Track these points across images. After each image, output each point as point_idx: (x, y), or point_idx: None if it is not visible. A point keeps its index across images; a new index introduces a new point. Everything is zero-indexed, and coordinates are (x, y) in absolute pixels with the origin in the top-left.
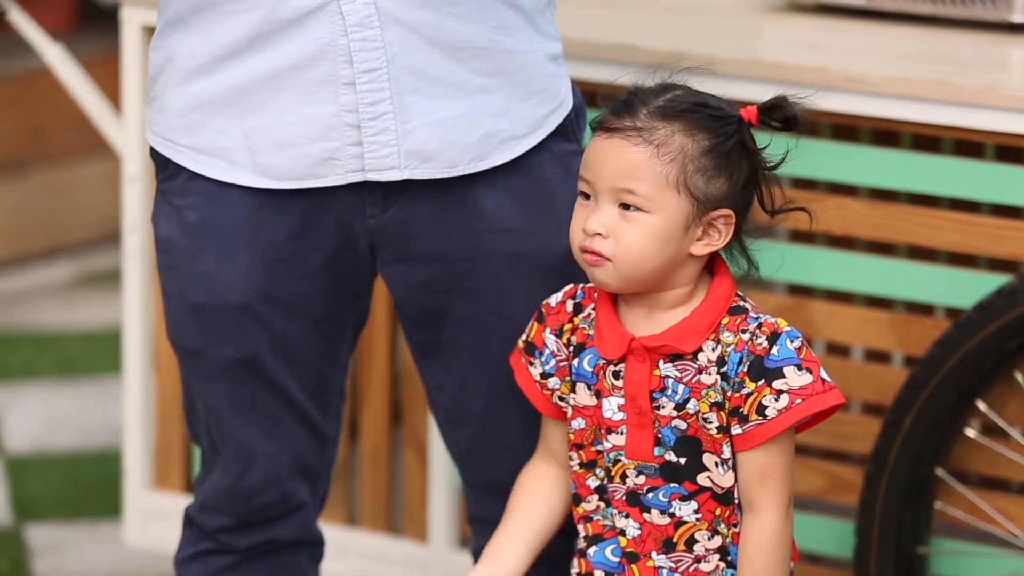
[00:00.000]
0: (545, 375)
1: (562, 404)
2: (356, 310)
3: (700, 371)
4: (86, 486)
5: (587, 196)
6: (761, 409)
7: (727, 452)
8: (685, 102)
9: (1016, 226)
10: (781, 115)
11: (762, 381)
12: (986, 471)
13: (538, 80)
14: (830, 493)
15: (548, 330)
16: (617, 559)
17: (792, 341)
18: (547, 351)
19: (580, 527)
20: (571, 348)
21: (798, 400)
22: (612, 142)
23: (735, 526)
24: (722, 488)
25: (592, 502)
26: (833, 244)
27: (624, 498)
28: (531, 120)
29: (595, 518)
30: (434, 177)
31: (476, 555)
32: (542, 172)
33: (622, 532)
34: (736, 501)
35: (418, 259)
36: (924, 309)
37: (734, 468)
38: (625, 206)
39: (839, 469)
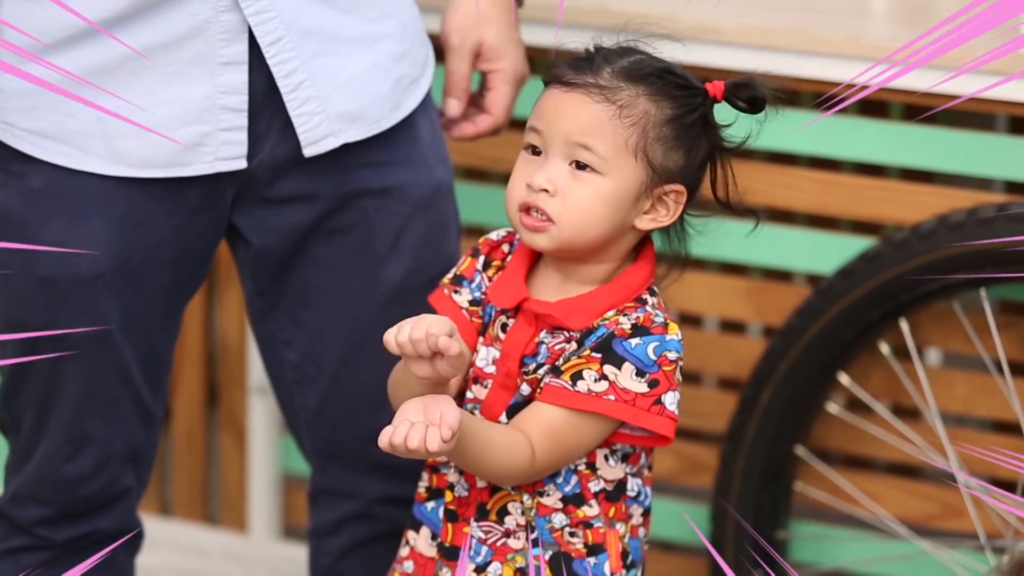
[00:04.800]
0: (474, 302)
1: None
2: (196, 279)
3: (568, 340)
4: None
5: (535, 151)
6: (576, 376)
7: None
8: (651, 66)
9: (880, 185)
10: (748, 94)
11: (598, 355)
12: (849, 449)
13: (415, 20)
14: (683, 475)
15: (483, 259)
16: (440, 519)
17: (659, 349)
18: (477, 279)
19: (424, 476)
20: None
21: (611, 397)
22: (572, 96)
23: (540, 495)
24: None
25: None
26: None
27: None
28: (421, 60)
29: (442, 470)
30: (367, 136)
31: (313, 536)
32: None
33: (451, 487)
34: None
35: (283, 200)
36: (782, 276)
37: None
38: (578, 165)
39: (692, 449)
